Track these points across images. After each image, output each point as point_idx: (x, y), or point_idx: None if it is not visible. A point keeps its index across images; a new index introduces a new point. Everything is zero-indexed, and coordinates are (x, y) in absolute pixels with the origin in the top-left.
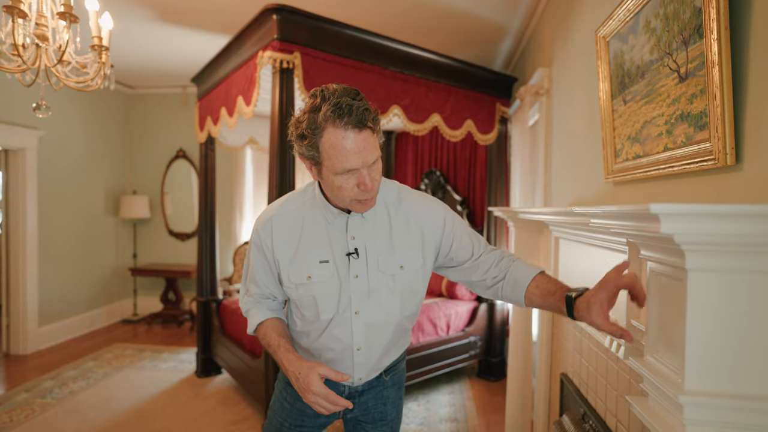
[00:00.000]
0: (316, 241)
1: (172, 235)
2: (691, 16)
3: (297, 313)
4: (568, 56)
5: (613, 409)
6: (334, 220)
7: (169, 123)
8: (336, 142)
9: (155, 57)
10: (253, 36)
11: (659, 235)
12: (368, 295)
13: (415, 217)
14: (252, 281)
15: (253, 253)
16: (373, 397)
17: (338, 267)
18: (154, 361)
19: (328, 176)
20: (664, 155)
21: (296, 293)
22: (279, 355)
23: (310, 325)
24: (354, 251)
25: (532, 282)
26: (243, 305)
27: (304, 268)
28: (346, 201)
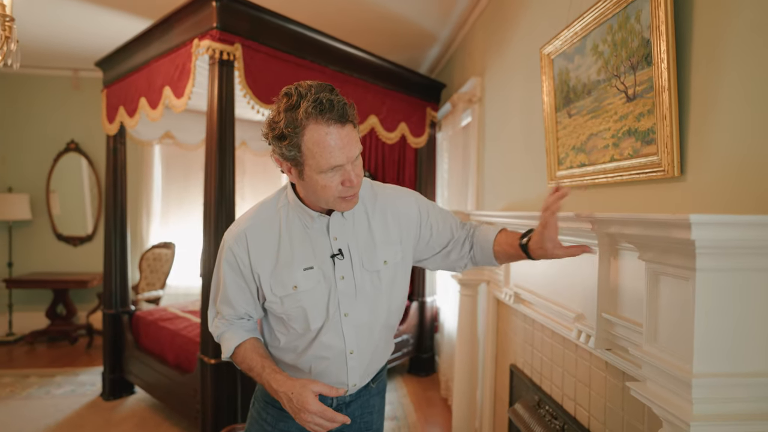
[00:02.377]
0: (297, 248)
1: (62, 239)
2: (639, 45)
3: (280, 328)
4: (503, 68)
5: (571, 394)
6: (314, 223)
7: (57, 110)
8: (320, 138)
9: (42, 32)
10: (185, 21)
11: (680, 241)
12: (355, 296)
13: (392, 211)
14: (224, 302)
15: (225, 271)
16: (359, 407)
17: (324, 271)
18: (45, 387)
19: (311, 176)
20: (611, 165)
21: (282, 307)
22: (265, 377)
23: (298, 339)
24: (338, 252)
25: (494, 243)
26: (214, 329)
27: (288, 278)
28: (330, 201)
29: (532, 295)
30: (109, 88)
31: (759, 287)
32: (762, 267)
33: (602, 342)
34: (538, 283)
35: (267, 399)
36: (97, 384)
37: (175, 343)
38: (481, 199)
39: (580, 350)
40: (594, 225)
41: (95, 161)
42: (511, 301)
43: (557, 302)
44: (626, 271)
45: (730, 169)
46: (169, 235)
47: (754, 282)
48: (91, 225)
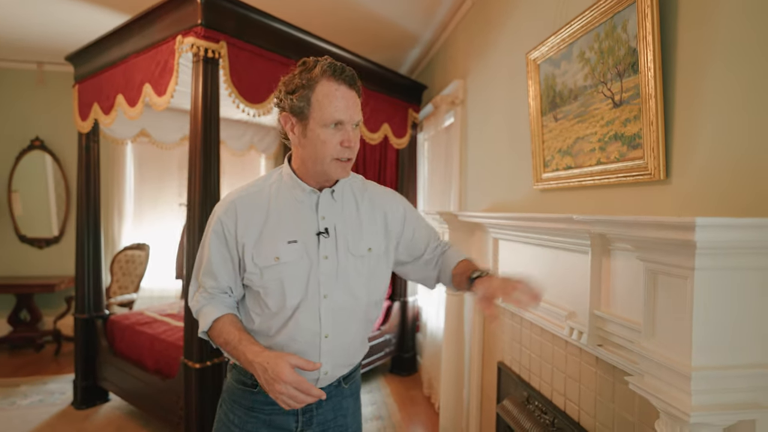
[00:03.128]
0: (284, 222)
1: (25, 241)
2: (626, 54)
3: (255, 307)
4: (486, 71)
5: (561, 389)
6: (305, 198)
7: (19, 106)
8: (329, 92)
9: (3, 21)
10: (166, 17)
11: (681, 242)
12: (336, 278)
13: (380, 203)
14: (208, 274)
15: (212, 241)
16: (331, 409)
17: (307, 247)
18: (10, 397)
19: (314, 130)
20: (598, 168)
21: (261, 279)
22: (241, 349)
23: (272, 318)
24: (324, 230)
25: (453, 270)
26: (194, 303)
27: (271, 249)
28: (327, 160)
29: None
30: (81, 84)
31: (753, 284)
32: (755, 266)
33: (594, 338)
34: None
35: (234, 398)
36: (68, 392)
37: (154, 347)
38: (464, 200)
39: (569, 347)
40: (589, 226)
41: (62, 159)
42: (500, 300)
43: (548, 300)
44: (618, 270)
45: (713, 172)
46: (143, 237)
47: (748, 280)
48: (57, 226)
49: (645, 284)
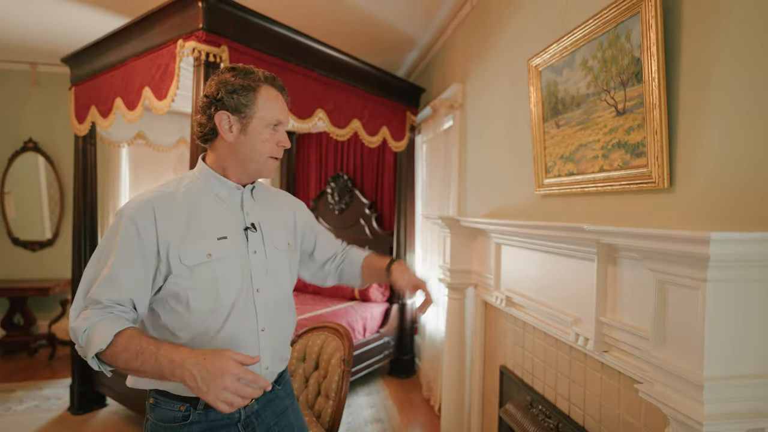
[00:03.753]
0: (209, 219)
1: (18, 244)
2: (630, 63)
3: (177, 321)
4: (486, 76)
5: (565, 394)
6: (228, 195)
7: (11, 107)
8: (273, 96)
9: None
10: (167, 21)
11: (693, 254)
12: (267, 271)
13: (288, 203)
14: (107, 285)
15: (120, 246)
16: (272, 414)
17: (237, 243)
18: (5, 403)
19: (256, 129)
20: (600, 175)
21: (190, 280)
22: (163, 354)
23: (204, 322)
24: (251, 225)
25: (362, 265)
26: (81, 322)
27: (201, 247)
28: (263, 158)
29: (524, 299)
30: (78, 86)
31: (757, 295)
32: (760, 277)
33: (600, 345)
34: (531, 288)
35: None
36: (64, 397)
37: None
38: (464, 204)
39: (574, 352)
40: (600, 236)
41: (56, 161)
42: (503, 305)
43: (552, 306)
44: (624, 278)
45: (718, 181)
46: None
47: (752, 291)
48: (50, 229)
49: (654, 294)
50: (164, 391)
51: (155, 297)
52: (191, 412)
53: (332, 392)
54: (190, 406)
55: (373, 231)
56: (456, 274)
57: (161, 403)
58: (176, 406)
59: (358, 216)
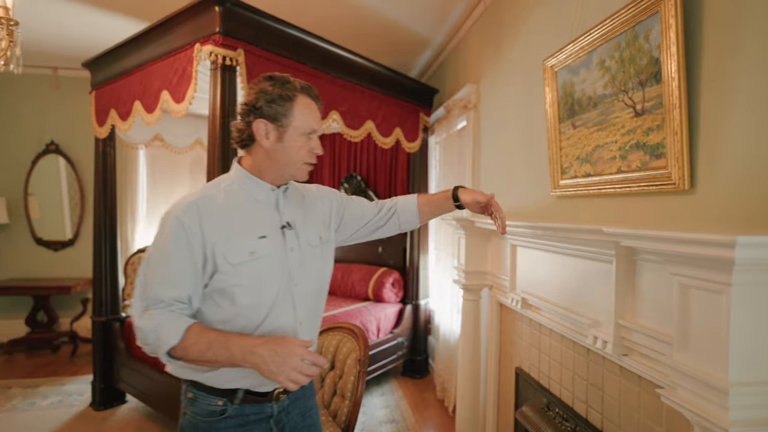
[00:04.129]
0: (249, 220)
1: (41, 244)
2: (648, 64)
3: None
4: (500, 76)
5: (582, 397)
6: (265, 197)
7: (35, 111)
8: (309, 104)
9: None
10: (184, 25)
11: (716, 258)
12: (302, 267)
13: (316, 195)
14: (166, 283)
15: (171, 247)
16: (299, 413)
17: (275, 241)
18: (30, 398)
19: (292, 137)
20: (618, 176)
21: (236, 277)
22: (232, 345)
23: (247, 317)
24: (287, 224)
25: (418, 203)
26: (146, 321)
27: (245, 245)
28: (298, 164)
29: (540, 301)
30: (98, 90)
31: None
32: None
33: (620, 348)
34: (547, 290)
35: None
36: (86, 393)
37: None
38: None
39: (591, 354)
40: (620, 239)
41: (76, 163)
42: (518, 307)
43: (569, 308)
44: (644, 280)
45: (741, 183)
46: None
47: None
48: (71, 229)
49: (677, 298)
50: (203, 385)
51: (203, 291)
52: (228, 406)
53: (348, 392)
54: (228, 401)
55: None
56: (471, 275)
57: (200, 397)
58: (214, 400)
59: None
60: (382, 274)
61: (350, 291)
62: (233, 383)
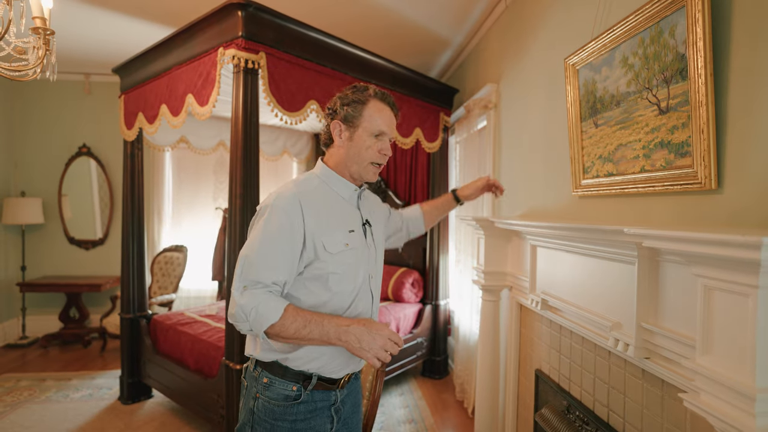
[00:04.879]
0: (340, 215)
1: (74, 243)
2: (674, 60)
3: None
4: (520, 75)
5: (603, 400)
6: (349, 194)
7: (69, 115)
8: (379, 108)
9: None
10: (208, 30)
11: (742, 260)
12: (376, 261)
13: (377, 202)
14: (266, 267)
15: (275, 233)
16: (351, 404)
17: (362, 235)
18: (63, 390)
19: (361, 137)
20: (641, 176)
21: (333, 265)
22: (327, 324)
23: (338, 302)
24: (366, 222)
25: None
26: (249, 299)
27: (341, 237)
28: (365, 163)
29: (561, 302)
30: (127, 94)
31: None
32: None
33: (641, 351)
34: (567, 291)
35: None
36: (114, 387)
37: (195, 348)
38: (498, 205)
39: (613, 357)
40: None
41: (106, 165)
42: (538, 308)
43: (590, 310)
44: (668, 282)
45: None
46: (181, 238)
47: None
48: (101, 229)
49: (701, 300)
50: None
51: (297, 277)
52: (302, 392)
53: (366, 392)
54: (302, 387)
55: None
56: (490, 276)
57: (276, 382)
58: (290, 386)
59: None
60: (402, 274)
61: None
62: (310, 365)
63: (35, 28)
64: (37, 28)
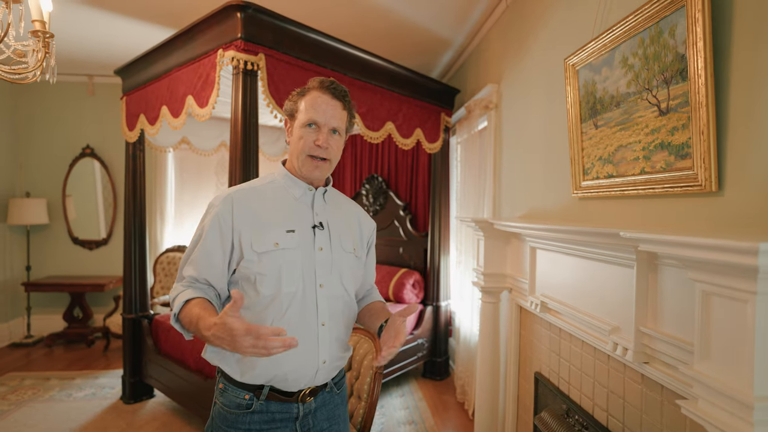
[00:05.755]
0: (281, 213)
1: (77, 243)
2: (674, 60)
3: (248, 298)
4: (521, 76)
5: (603, 404)
6: (301, 195)
7: (72, 116)
8: (312, 99)
9: (58, 39)
10: (208, 32)
11: (741, 266)
12: (331, 269)
13: (354, 211)
14: (190, 265)
15: (207, 230)
16: (326, 419)
17: (304, 238)
18: (66, 389)
19: (296, 129)
20: (641, 177)
21: (258, 265)
22: (199, 326)
23: (266, 308)
24: (319, 224)
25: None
26: (172, 292)
27: (270, 236)
28: (302, 157)
29: (560, 305)
30: (129, 96)
31: None
32: None
33: (640, 356)
34: (567, 293)
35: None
36: (117, 387)
37: (195, 348)
38: (499, 206)
39: (612, 361)
40: (637, 243)
41: (109, 165)
42: (537, 310)
43: (589, 313)
44: (667, 287)
45: None
46: (183, 239)
47: None
48: (105, 229)
49: (698, 305)
50: (232, 378)
51: (231, 278)
52: (254, 401)
53: (364, 393)
54: (254, 396)
55: (408, 232)
56: (490, 277)
57: (229, 389)
58: (242, 394)
59: (392, 217)
60: (403, 275)
61: None
62: (256, 380)
63: (35, 31)
64: (37, 31)
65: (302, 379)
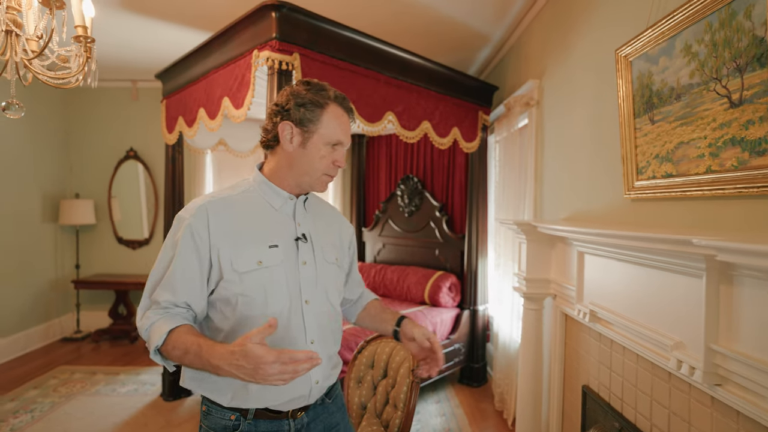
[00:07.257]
0: (261, 227)
1: (122, 242)
2: (750, 45)
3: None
4: (565, 70)
5: (663, 427)
6: (281, 205)
7: (117, 120)
8: (338, 115)
9: (104, 46)
10: (243, 33)
11: None
12: (316, 284)
13: (335, 218)
14: (165, 287)
15: (179, 249)
16: (323, 428)
17: (287, 252)
18: (111, 384)
19: (316, 145)
20: (707, 177)
21: (240, 286)
22: (204, 357)
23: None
24: (302, 236)
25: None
26: (144, 322)
27: (253, 254)
28: (317, 174)
29: (611, 315)
30: (169, 99)
31: None
32: None
33: (712, 377)
34: (620, 303)
35: None
36: (157, 384)
37: None
38: (540, 207)
39: (674, 379)
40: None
41: (151, 168)
42: (586, 320)
43: (646, 326)
44: (744, 300)
45: None
46: None
47: None
48: (147, 229)
49: None
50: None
51: (209, 299)
52: (241, 421)
53: (401, 402)
54: (241, 416)
55: (444, 234)
56: (532, 283)
57: (213, 411)
58: (227, 415)
59: (428, 219)
60: (439, 278)
61: (406, 294)
62: (245, 404)
63: (77, 37)
64: (79, 36)
65: (297, 401)
